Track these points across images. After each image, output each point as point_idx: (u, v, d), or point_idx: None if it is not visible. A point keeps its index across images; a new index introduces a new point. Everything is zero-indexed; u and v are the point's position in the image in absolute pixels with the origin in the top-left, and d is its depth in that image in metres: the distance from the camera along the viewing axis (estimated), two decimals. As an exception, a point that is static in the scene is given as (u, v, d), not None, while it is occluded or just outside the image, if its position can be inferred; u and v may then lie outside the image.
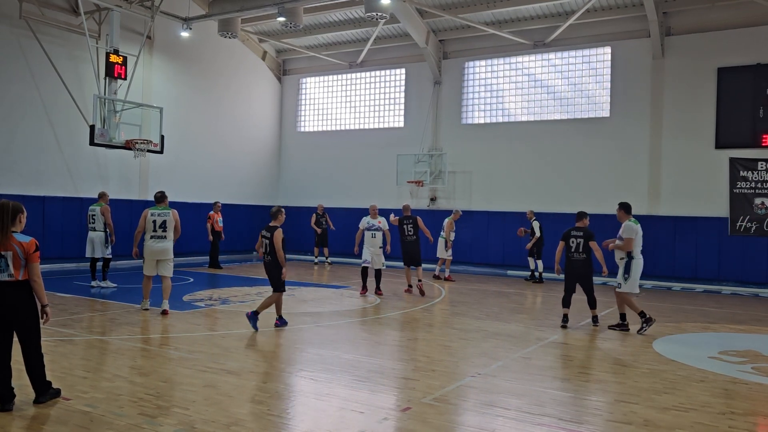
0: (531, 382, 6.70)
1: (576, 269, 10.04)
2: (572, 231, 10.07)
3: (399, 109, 22.40)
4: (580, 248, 9.96)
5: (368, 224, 13.28)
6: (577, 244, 9.98)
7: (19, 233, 5.28)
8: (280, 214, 9.34)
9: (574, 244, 10.00)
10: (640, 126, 18.12)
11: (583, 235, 10.00)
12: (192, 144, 20.90)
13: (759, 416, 5.89)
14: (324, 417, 5.56)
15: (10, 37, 16.23)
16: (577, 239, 9.99)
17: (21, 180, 16.53)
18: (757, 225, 16.58)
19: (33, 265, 5.26)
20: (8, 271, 5.18)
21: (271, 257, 9.11)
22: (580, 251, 9.96)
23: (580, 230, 10.08)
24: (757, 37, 16.64)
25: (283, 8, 16.93)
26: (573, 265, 10.05)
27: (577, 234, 10.03)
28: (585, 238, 9.96)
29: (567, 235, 10.07)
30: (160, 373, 6.73)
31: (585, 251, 9.94)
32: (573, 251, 10.00)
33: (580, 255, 9.97)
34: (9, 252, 5.18)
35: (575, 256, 9.99)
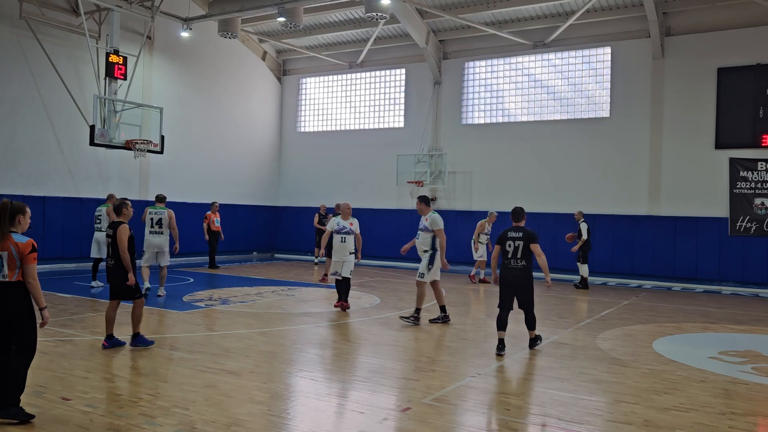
0: (531, 383, 6.70)
1: (513, 279, 8.16)
2: (509, 232, 8.24)
3: (399, 109, 22.40)
4: (518, 253, 8.10)
5: (338, 226, 11.24)
6: (515, 248, 8.11)
7: (18, 234, 5.22)
8: (124, 207, 7.87)
9: (511, 248, 8.13)
10: (640, 126, 18.12)
11: (523, 236, 8.13)
12: (192, 144, 20.90)
13: (759, 416, 5.89)
14: (324, 417, 5.57)
15: (10, 37, 16.23)
16: (515, 242, 8.13)
17: (21, 180, 16.53)
18: (757, 225, 16.59)
19: (28, 266, 5.14)
20: (2, 272, 5.10)
21: (114, 260, 7.65)
22: (518, 257, 8.10)
23: (518, 231, 8.21)
24: (757, 37, 16.64)
25: (283, 8, 16.93)
26: (509, 274, 8.17)
27: (515, 236, 8.17)
28: (525, 240, 8.11)
29: (503, 238, 8.27)
30: (160, 373, 6.73)
31: (524, 257, 8.11)
32: (510, 257, 8.14)
33: (518, 262, 8.11)
34: (5, 252, 5.10)
35: (512, 263, 8.14)
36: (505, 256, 8.19)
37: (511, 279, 8.18)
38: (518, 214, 8.44)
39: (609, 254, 18.29)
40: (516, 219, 8.42)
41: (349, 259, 11.08)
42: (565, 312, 11.84)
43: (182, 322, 9.76)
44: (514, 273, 8.17)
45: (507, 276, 8.19)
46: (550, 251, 18.85)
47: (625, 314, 11.65)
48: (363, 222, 21.49)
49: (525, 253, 8.09)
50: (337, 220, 11.31)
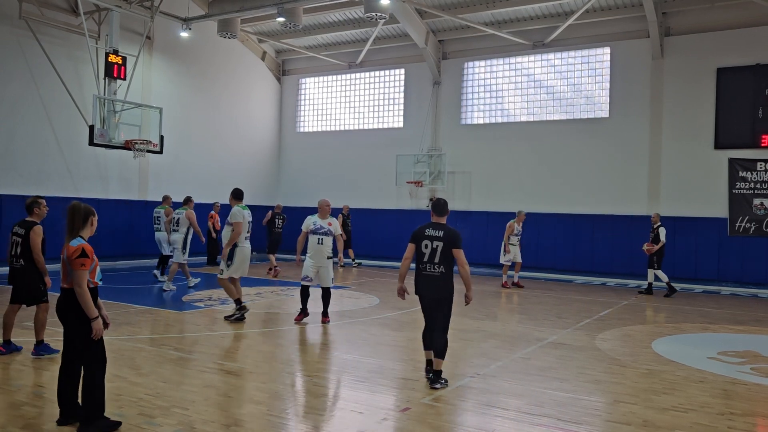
0: (530, 383, 6.70)
1: (426, 289, 6.57)
2: (426, 229, 6.57)
3: (398, 109, 22.40)
4: (435, 257, 6.46)
5: (314, 225, 9.74)
6: (432, 251, 6.47)
7: (80, 237, 4.93)
8: (36, 206, 7.25)
9: (428, 249, 6.49)
10: (640, 126, 18.13)
11: (444, 237, 6.47)
12: (191, 144, 20.90)
13: (758, 417, 5.89)
14: (324, 417, 5.57)
15: (9, 37, 16.23)
16: (433, 243, 6.47)
17: (21, 180, 16.53)
18: (756, 225, 16.60)
19: (75, 272, 4.81)
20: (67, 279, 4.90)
21: (25, 262, 7.23)
22: (436, 262, 6.47)
23: (438, 229, 6.53)
24: (757, 37, 16.66)
25: (283, 8, 16.93)
26: (423, 282, 6.57)
27: (434, 235, 6.50)
28: (446, 242, 6.46)
29: (419, 236, 6.57)
30: (160, 373, 6.73)
31: (443, 262, 6.48)
32: (425, 261, 6.51)
33: (435, 268, 6.49)
34: (62, 256, 4.88)
35: (428, 269, 6.52)
36: (419, 259, 6.56)
37: (426, 289, 6.57)
38: (440, 208, 6.71)
39: (608, 254, 18.30)
40: (438, 213, 6.69)
41: (327, 265, 9.70)
42: (564, 312, 11.85)
43: (182, 322, 9.76)
44: (430, 281, 6.52)
45: (420, 285, 6.60)
46: (551, 251, 18.99)
47: (624, 314, 11.66)
48: (362, 222, 21.72)
49: (444, 258, 6.46)
50: (313, 219, 9.77)
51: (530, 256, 19.41)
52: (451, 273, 6.58)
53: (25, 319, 9.42)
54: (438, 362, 6.47)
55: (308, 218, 9.84)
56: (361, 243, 21.32)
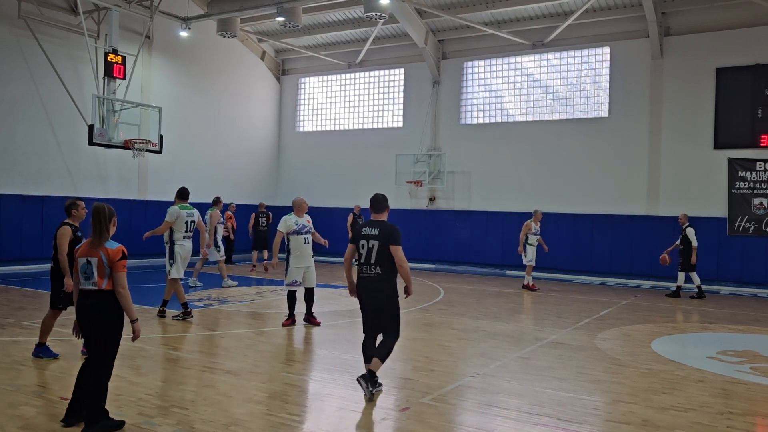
0: (530, 382, 6.70)
1: (366, 293, 6.12)
2: (364, 228, 6.13)
3: (398, 109, 22.40)
4: (372, 257, 6.03)
5: (297, 225, 9.35)
6: (369, 251, 6.03)
7: (109, 240, 5.01)
8: (74, 208, 6.97)
9: (365, 249, 6.05)
10: (639, 126, 18.13)
11: (379, 234, 6.02)
12: (191, 144, 20.90)
13: (757, 416, 5.89)
14: (323, 417, 5.57)
15: (9, 36, 16.22)
16: (369, 242, 6.03)
17: (20, 180, 16.53)
18: (755, 225, 16.60)
19: (118, 274, 4.89)
20: (93, 279, 4.88)
21: (54, 263, 7.00)
22: (372, 262, 6.03)
23: (374, 227, 6.08)
24: (756, 37, 16.66)
25: (282, 8, 16.93)
26: (363, 285, 6.13)
27: (370, 233, 6.05)
28: (382, 240, 6.00)
29: (358, 235, 6.15)
30: (160, 373, 6.73)
31: (381, 262, 6.01)
32: (363, 262, 6.09)
33: (372, 269, 6.05)
34: (95, 258, 4.88)
35: (365, 271, 6.08)
36: (358, 261, 6.14)
37: (365, 293, 6.10)
38: (377, 204, 6.22)
39: (608, 254, 18.31)
40: (375, 210, 6.22)
41: (312, 264, 9.54)
42: (564, 312, 11.85)
43: (181, 322, 9.75)
44: (369, 284, 6.06)
45: (360, 288, 6.13)
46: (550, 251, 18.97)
47: (623, 314, 11.66)
48: (362, 222, 21.66)
49: (382, 258, 5.99)
50: (294, 219, 9.36)
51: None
52: (392, 274, 6.03)
53: (24, 318, 9.41)
54: (377, 363, 5.98)
55: (286, 218, 9.39)
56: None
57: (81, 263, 4.93)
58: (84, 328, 4.97)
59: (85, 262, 4.91)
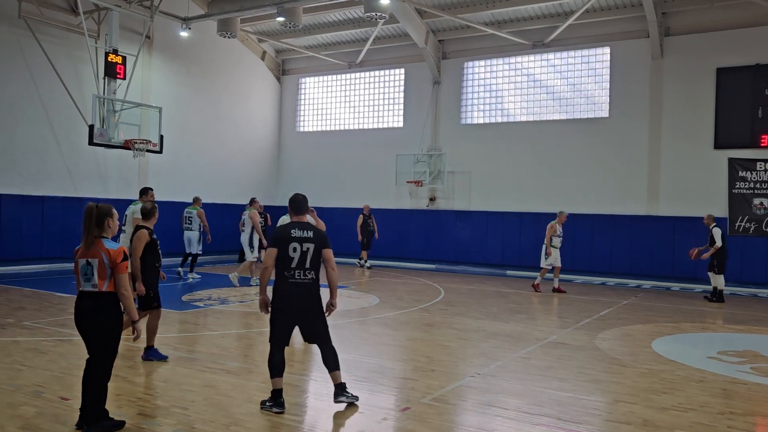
0: (530, 382, 6.70)
1: (299, 300, 5.67)
2: (293, 230, 5.68)
3: (398, 109, 22.40)
4: (306, 261, 5.64)
5: None
6: (303, 254, 5.63)
7: (109, 240, 4.89)
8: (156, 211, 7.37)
9: (297, 253, 5.61)
10: (639, 126, 18.13)
11: (314, 237, 5.70)
12: (191, 144, 20.89)
13: (758, 416, 5.89)
14: (323, 417, 5.57)
15: (9, 36, 16.21)
16: (303, 245, 5.63)
17: (20, 180, 16.52)
18: (755, 225, 16.60)
19: (120, 276, 4.80)
20: (93, 281, 4.79)
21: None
22: (307, 267, 5.65)
23: (306, 229, 5.72)
24: (756, 37, 16.66)
25: (283, 8, 16.92)
26: (294, 292, 5.64)
27: (304, 236, 5.67)
28: (317, 243, 5.71)
29: (284, 238, 5.63)
30: (160, 373, 6.73)
31: (314, 267, 5.70)
32: (294, 267, 5.62)
33: (307, 274, 5.66)
34: (95, 260, 4.78)
35: (298, 276, 5.64)
36: (285, 265, 5.62)
37: (296, 300, 5.65)
38: (298, 204, 5.92)
39: (608, 254, 18.30)
40: (298, 211, 5.89)
41: None
42: (564, 312, 11.85)
43: (181, 322, 9.75)
44: (302, 291, 5.65)
45: (290, 295, 5.64)
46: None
47: (624, 314, 11.66)
48: (362, 222, 21.67)
49: (316, 262, 5.70)
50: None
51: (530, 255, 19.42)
52: (319, 278, 5.76)
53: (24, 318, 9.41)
54: (337, 375, 5.79)
55: (285, 219, 9.16)
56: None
57: (81, 264, 4.86)
58: (83, 330, 4.91)
59: (85, 263, 4.83)
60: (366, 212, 19.40)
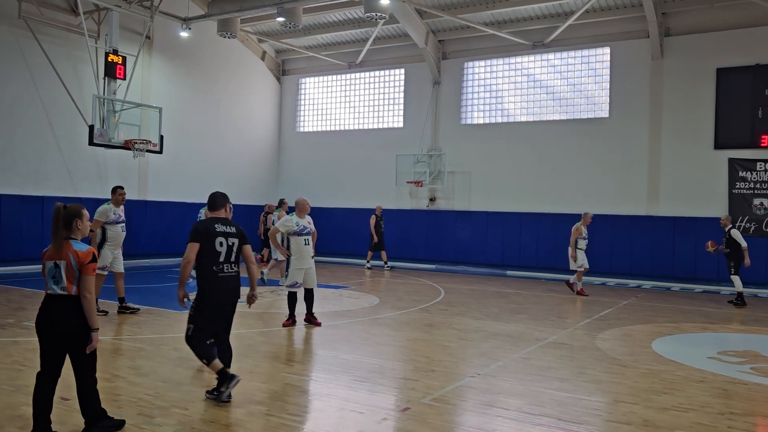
0: (530, 383, 6.70)
1: (228, 294, 5.90)
2: (216, 225, 5.85)
3: (398, 109, 22.40)
4: (232, 255, 5.88)
5: (298, 226, 9.29)
6: (229, 249, 5.84)
7: (78, 241, 4.66)
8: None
9: (224, 248, 5.80)
10: (639, 126, 18.13)
11: (237, 233, 5.94)
12: (191, 144, 20.89)
13: (758, 416, 5.89)
14: (323, 417, 5.56)
15: (9, 37, 16.21)
16: (229, 240, 5.84)
17: (20, 180, 16.52)
18: (756, 225, 16.60)
19: (86, 278, 4.54)
20: (62, 284, 4.54)
21: None
22: (233, 260, 5.89)
23: (229, 225, 5.94)
24: (756, 37, 16.66)
25: (283, 8, 16.93)
26: (223, 286, 5.82)
27: (228, 231, 5.88)
28: (241, 239, 5.96)
29: (209, 233, 5.77)
30: (159, 373, 6.72)
31: (238, 262, 5.99)
32: (222, 261, 5.80)
33: (233, 268, 5.90)
34: (63, 261, 4.54)
35: (226, 270, 5.83)
36: (212, 260, 5.75)
37: (227, 293, 5.86)
38: (214, 201, 6.07)
39: (608, 254, 18.30)
40: (214, 207, 6.06)
41: (313, 265, 9.51)
42: (564, 312, 11.85)
43: (182, 322, 9.73)
44: (232, 284, 5.86)
45: (221, 289, 5.81)
46: (551, 252, 18.96)
47: (624, 314, 11.65)
48: (362, 222, 21.68)
49: (239, 256, 5.96)
50: (295, 220, 9.29)
51: (530, 256, 19.44)
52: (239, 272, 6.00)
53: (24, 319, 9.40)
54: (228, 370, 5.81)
55: (287, 218, 9.40)
56: (362, 243, 21.33)
57: (48, 267, 4.60)
58: (47, 335, 4.60)
59: (53, 266, 4.57)
60: (378, 213, 19.29)
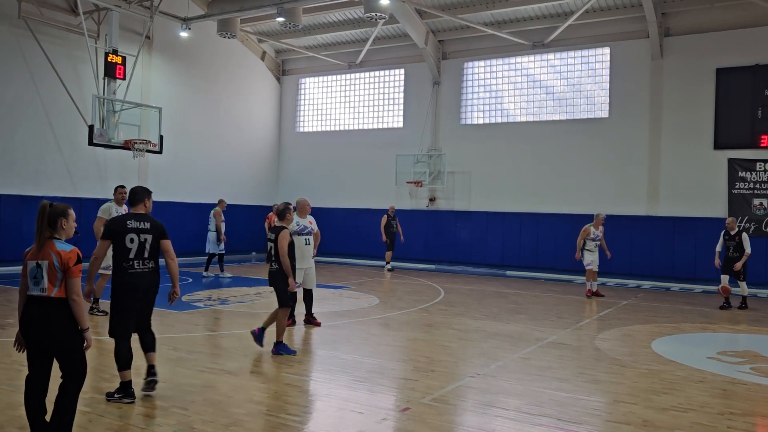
0: (530, 383, 6.70)
1: (144, 288, 5.80)
2: (128, 221, 5.79)
3: (398, 109, 22.40)
4: (145, 252, 5.78)
5: (298, 226, 9.41)
6: (140, 245, 5.76)
7: (62, 241, 4.49)
8: (288, 213, 7.97)
9: (135, 243, 5.74)
10: (639, 127, 18.13)
11: (152, 228, 5.85)
12: (191, 144, 20.89)
13: (757, 416, 5.89)
14: (323, 417, 5.57)
15: (9, 37, 16.21)
16: (141, 235, 5.77)
17: (20, 180, 16.52)
18: (755, 225, 16.60)
19: (72, 280, 4.35)
20: (42, 285, 4.35)
21: (278, 264, 7.73)
22: (146, 257, 5.79)
23: (143, 220, 5.85)
24: (756, 37, 16.66)
25: (282, 8, 16.93)
26: (137, 282, 5.74)
27: (141, 227, 5.80)
28: (155, 234, 5.86)
29: (119, 230, 5.72)
30: (160, 373, 6.71)
31: (153, 257, 5.87)
32: (133, 257, 5.72)
33: (146, 264, 5.80)
34: (45, 261, 4.34)
35: (138, 266, 5.74)
36: (122, 256, 5.71)
37: (140, 290, 5.76)
38: (134, 196, 6.00)
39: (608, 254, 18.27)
40: (132, 203, 5.99)
41: (313, 265, 9.63)
42: (564, 312, 11.85)
43: (181, 322, 9.75)
44: (145, 280, 5.75)
45: (134, 286, 5.72)
46: (550, 252, 18.96)
47: (624, 314, 11.66)
48: (362, 222, 21.69)
49: (154, 252, 5.86)
50: (296, 220, 9.35)
51: (530, 256, 19.44)
52: (158, 268, 5.98)
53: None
54: (153, 356, 6.00)
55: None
56: (361, 243, 21.36)
57: (30, 267, 4.41)
58: (30, 340, 4.43)
59: (34, 266, 4.38)
60: (391, 213, 19.10)
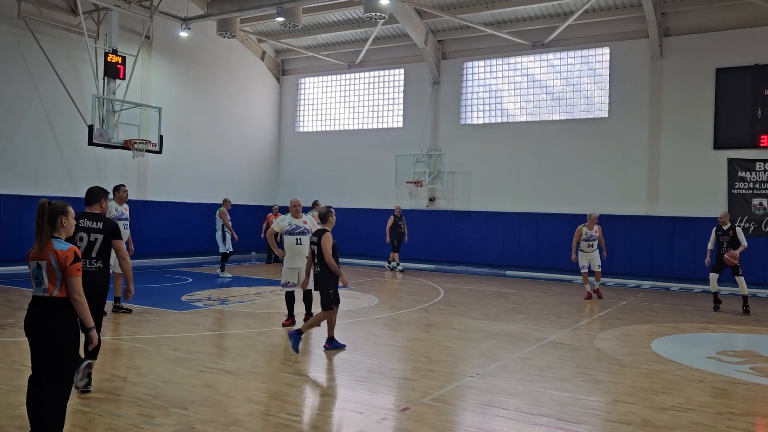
0: (530, 383, 6.70)
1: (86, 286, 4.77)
2: (81, 220, 5.80)
3: (398, 109, 22.40)
4: (93, 251, 5.82)
5: (290, 226, 9.48)
6: (90, 244, 5.83)
7: (61, 240, 4.41)
8: (330, 215, 8.10)
9: (84, 243, 5.82)
10: (639, 126, 18.14)
11: (104, 228, 5.91)
12: (191, 144, 20.89)
13: (757, 416, 5.90)
14: (323, 417, 5.57)
15: (8, 37, 16.21)
16: (91, 234, 5.84)
17: (19, 180, 16.51)
18: (755, 225, 16.61)
19: (71, 280, 4.28)
20: (43, 285, 4.29)
21: (321, 267, 7.90)
22: (94, 256, 5.84)
23: (96, 220, 5.93)
24: (756, 37, 16.66)
25: (282, 8, 16.93)
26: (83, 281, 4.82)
27: (90, 226, 5.87)
28: (107, 233, 5.91)
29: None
30: (159, 373, 6.73)
31: (102, 257, 5.91)
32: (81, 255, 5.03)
33: (94, 263, 5.86)
34: (44, 261, 4.27)
35: (88, 266, 5.76)
36: None
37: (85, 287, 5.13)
38: (91, 196, 6.10)
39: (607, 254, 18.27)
40: (88, 202, 6.07)
41: None
42: (564, 312, 11.85)
43: (181, 322, 9.75)
44: (90, 279, 5.47)
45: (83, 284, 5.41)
46: (550, 252, 18.95)
47: (623, 314, 11.66)
48: (362, 222, 21.70)
49: (104, 252, 5.90)
50: (288, 219, 9.51)
51: (530, 256, 19.44)
52: (109, 267, 6.06)
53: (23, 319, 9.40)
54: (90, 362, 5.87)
55: (281, 218, 9.64)
56: (361, 243, 21.36)
57: (31, 268, 4.35)
58: (33, 340, 4.36)
59: (35, 267, 4.32)
60: (397, 213, 19.00)
